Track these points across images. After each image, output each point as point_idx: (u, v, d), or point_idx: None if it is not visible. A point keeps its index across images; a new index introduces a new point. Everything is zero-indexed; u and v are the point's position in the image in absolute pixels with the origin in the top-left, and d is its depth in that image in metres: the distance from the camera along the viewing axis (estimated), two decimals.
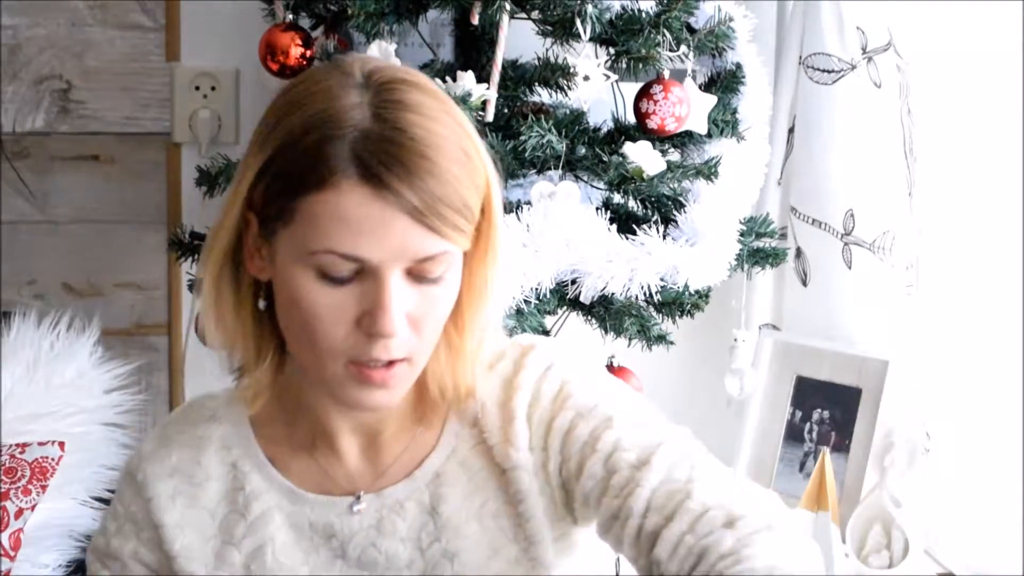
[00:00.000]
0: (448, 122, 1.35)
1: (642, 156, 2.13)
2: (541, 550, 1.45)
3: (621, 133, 2.20)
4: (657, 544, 1.33)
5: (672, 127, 2.15)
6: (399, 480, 1.46)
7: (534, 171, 2.16)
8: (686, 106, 2.15)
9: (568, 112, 2.19)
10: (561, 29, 2.10)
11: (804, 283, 2.57)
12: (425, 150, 1.31)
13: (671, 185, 2.18)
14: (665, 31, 2.12)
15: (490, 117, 2.08)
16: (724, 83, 2.27)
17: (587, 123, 2.19)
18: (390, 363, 1.35)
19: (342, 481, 1.48)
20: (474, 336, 1.43)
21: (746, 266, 2.29)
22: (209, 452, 1.49)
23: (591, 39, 2.10)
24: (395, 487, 1.46)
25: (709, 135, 2.23)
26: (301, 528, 1.47)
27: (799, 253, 2.56)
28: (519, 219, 2.08)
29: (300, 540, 1.47)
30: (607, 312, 2.17)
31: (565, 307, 2.20)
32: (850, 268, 2.51)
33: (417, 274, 1.33)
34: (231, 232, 1.38)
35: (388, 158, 1.30)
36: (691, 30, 2.20)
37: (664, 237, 2.14)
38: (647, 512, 1.36)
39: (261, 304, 1.41)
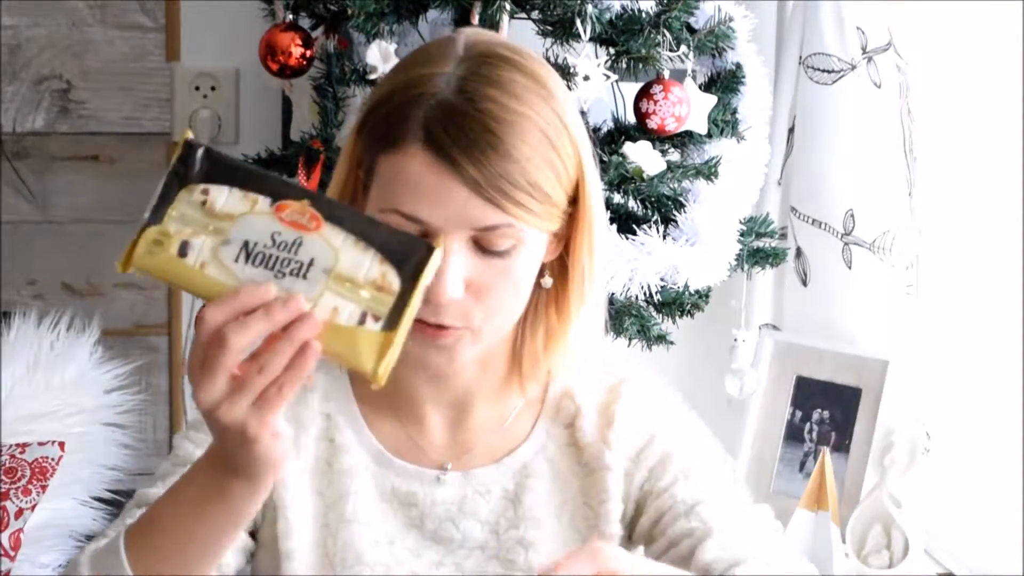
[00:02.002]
0: (535, 104, 1.36)
1: (642, 156, 2.13)
2: None
3: (621, 133, 2.20)
4: (739, 567, 1.44)
5: (672, 127, 2.15)
6: (487, 464, 1.49)
7: None
8: (686, 106, 2.15)
9: None
10: (561, 29, 2.10)
11: (804, 283, 2.57)
12: (493, 124, 1.33)
13: (671, 185, 2.18)
14: (665, 31, 2.12)
15: None
16: (724, 83, 2.27)
17: (587, 123, 2.19)
18: (444, 327, 1.37)
19: (429, 452, 1.49)
20: (575, 322, 1.45)
21: (746, 266, 2.29)
22: (314, 396, 1.50)
23: (591, 39, 2.10)
24: (484, 469, 1.49)
25: (709, 135, 2.23)
26: (384, 491, 1.49)
27: (799, 253, 2.56)
28: None
29: (381, 502, 1.48)
30: (607, 312, 2.17)
31: None
32: (850, 268, 2.51)
33: (483, 245, 1.36)
34: (342, 185, 1.42)
35: (454, 128, 1.33)
36: (691, 30, 2.20)
37: (664, 237, 2.14)
38: (730, 543, 1.45)
39: None
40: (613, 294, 2.12)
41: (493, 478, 1.49)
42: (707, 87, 2.26)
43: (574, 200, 1.39)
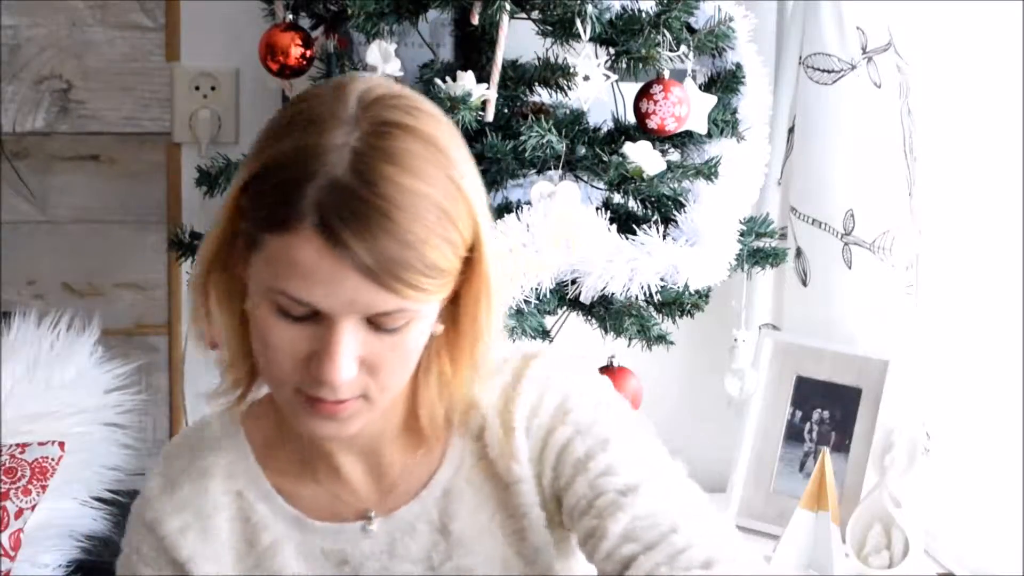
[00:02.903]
0: (433, 176, 1.29)
1: (642, 156, 2.13)
2: (547, 560, 1.45)
3: (621, 133, 2.20)
4: (631, 568, 1.35)
5: (672, 127, 2.15)
6: (408, 500, 1.45)
7: (534, 171, 2.16)
8: (686, 106, 2.15)
9: (568, 112, 2.19)
10: (561, 29, 2.10)
11: (804, 283, 2.57)
12: (390, 209, 1.26)
13: (671, 185, 2.18)
14: (665, 31, 2.12)
15: (490, 117, 2.08)
16: (724, 83, 2.27)
17: (587, 123, 2.19)
18: (340, 401, 1.32)
19: (351, 504, 1.46)
20: (467, 370, 1.40)
21: (746, 266, 2.29)
22: (215, 482, 1.47)
23: (591, 39, 2.10)
24: (405, 508, 1.45)
25: (709, 135, 2.23)
26: (313, 557, 1.45)
27: (799, 253, 2.56)
28: (519, 219, 2.08)
29: (312, 570, 1.45)
30: (607, 312, 2.17)
31: (565, 307, 2.20)
32: (850, 268, 2.51)
33: (375, 324, 1.30)
34: (223, 234, 1.35)
35: (349, 213, 1.26)
36: (691, 30, 2.20)
37: (664, 237, 2.14)
38: (625, 537, 1.36)
39: (247, 304, 1.38)
40: (613, 294, 2.13)
41: (415, 514, 1.44)
42: (707, 87, 2.26)
43: (469, 257, 1.33)
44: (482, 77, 2.08)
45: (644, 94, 2.15)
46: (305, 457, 1.46)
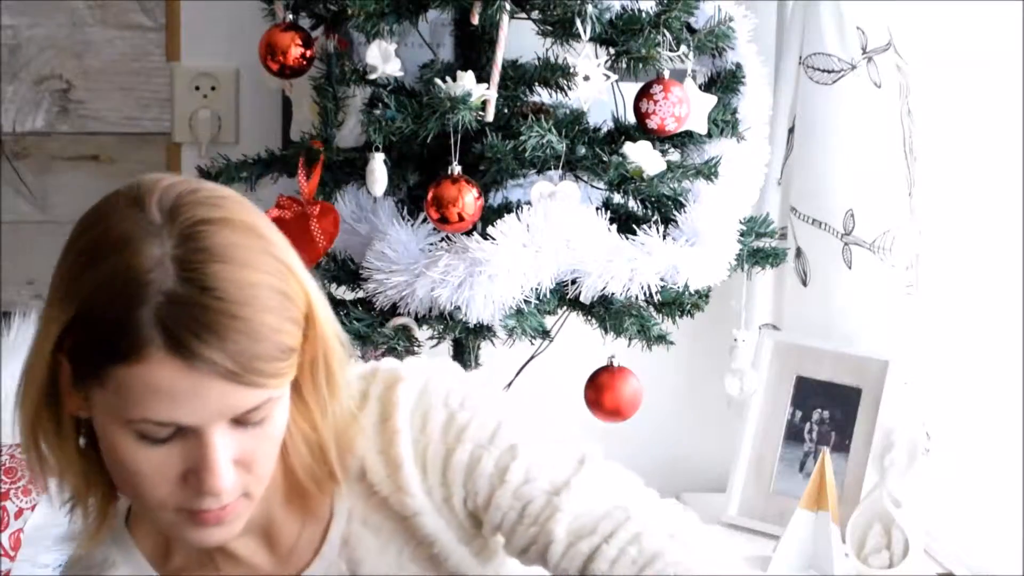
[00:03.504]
0: (261, 262, 1.26)
1: (642, 156, 2.13)
2: (470, 571, 1.43)
3: (621, 133, 2.20)
4: (596, 560, 1.34)
5: (672, 127, 2.15)
6: (310, 560, 1.42)
7: (534, 171, 2.16)
8: (686, 106, 2.15)
9: (568, 112, 2.19)
10: (561, 29, 2.10)
11: (804, 283, 2.57)
12: (236, 309, 1.22)
13: (671, 185, 2.18)
14: (665, 31, 2.12)
15: (490, 117, 2.08)
16: (724, 83, 2.27)
17: (587, 123, 2.19)
18: (224, 507, 1.30)
19: None
20: (327, 426, 1.36)
21: (746, 266, 2.29)
22: None
23: (591, 39, 2.10)
24: (309, 569, 1.42)
25: (709, 135, 2.23)
26: None
27: (799, 253, 2.56)
28: (519, 219, 2.08)
29: None
30: (607, 312, 2.17)
31: (565, 307, 2.20)
32: (850, 268, 2.51)
33: (241, 421, 1.27)
34: (43, 376, 1.29)
35: (196, 325, 1.21)
36: (691, 30, 2.19)
37: (664, 237, 2.14)
38: (576, 534, 1.35)
39: (82, 442, 1.33)
40: (613, 294, 2.13)
41: (323, 570, 1.42)
42: (707, 87, 2.26)
43: (304, 329, 1.30)
44: (482, 77, 2.08)
45: (644, 94, 2.15)
46: (200, 552, 1.42)
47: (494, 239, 2.06)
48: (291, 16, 2.18)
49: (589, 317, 2.21)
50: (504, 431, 1.39)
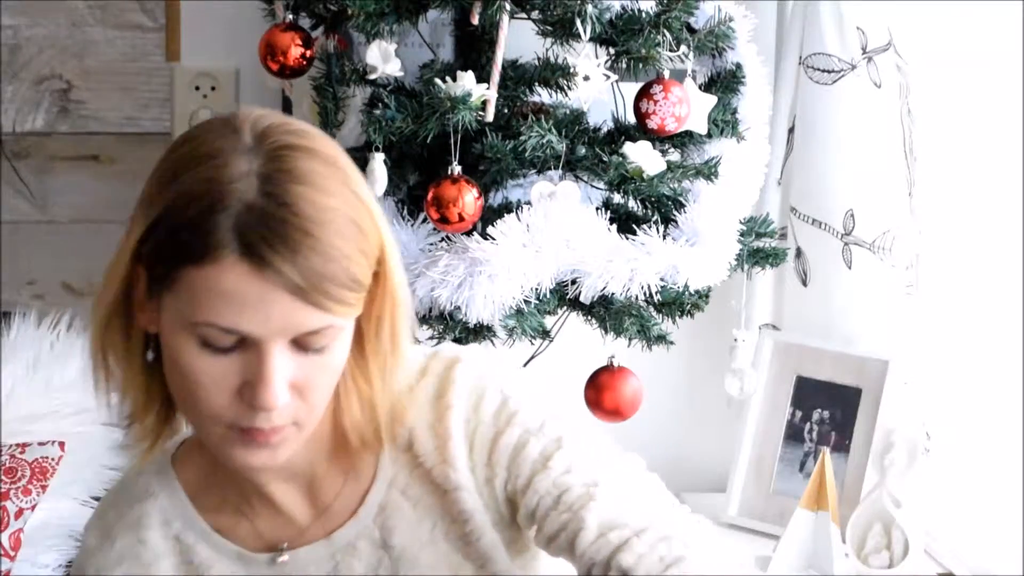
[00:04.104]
0: (340, 191, 1.31)
1: (642, 156, 2.13)
2: (497, 564, 1.44)
3: (621, 133, 2.19)
4: (623, 550, 1.34)
5: (672, 127, 2.15)
6: (345, 520, 1.44)
7: (534, 171, 2.16)
8: (686, 106, 2.15)
9: (568, 112, 2.19)
10: (561, 29, 2.10)
11: (804, 283, 2.57)
12: (311, 227, 1.27)
13: (671, 185, 2.18)
14: (665, 31, 2.12)
15: (490, 117, 2.08)
16: (724, 83, 2.27)
17: (587, 123, 2.19)
18: (274, 428, 1.33)
19: (290, 533, 1.45)
20: (383, 385, 1.40)
21: (746, 266, 2.29)
22: (151, 530, 1.46)
23: (591, 39, 2.10)
24: (343, 529, 1.44)
25: (709, 135, 2.23)
26: None
27: (799, 253, 2.56)
28: (519, 219, 2.08)
29: None
30: (607, 312, 2.17)
31: (565, 307, 2.20)
32: (850, 268, 2.51)
33: (302, 345, 1.31)
34: (120, 283, 1.34)
35: (271, 235, 1.26)
36: (691, 30, 2.19)
37: (664, 237, 2.14)
38: (608, 525, 1.36)
39: (149, 356, 1.37)
40: (613, 294, 2.12)
41: (355, 533, 1.44)
42: (707, 87, 2.26)
43: (375, 274, 1.35)
44: (482, 77, 2.08)
45: (644, 94, 2.15)
46: (239, 492, 1.45)
47: (494, 239, 2.06)
48: (291, 16, 2.18)
49: (589, 317, 2.21)
50: (553, 423, 1.42)
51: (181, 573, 1.45)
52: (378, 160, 2.09)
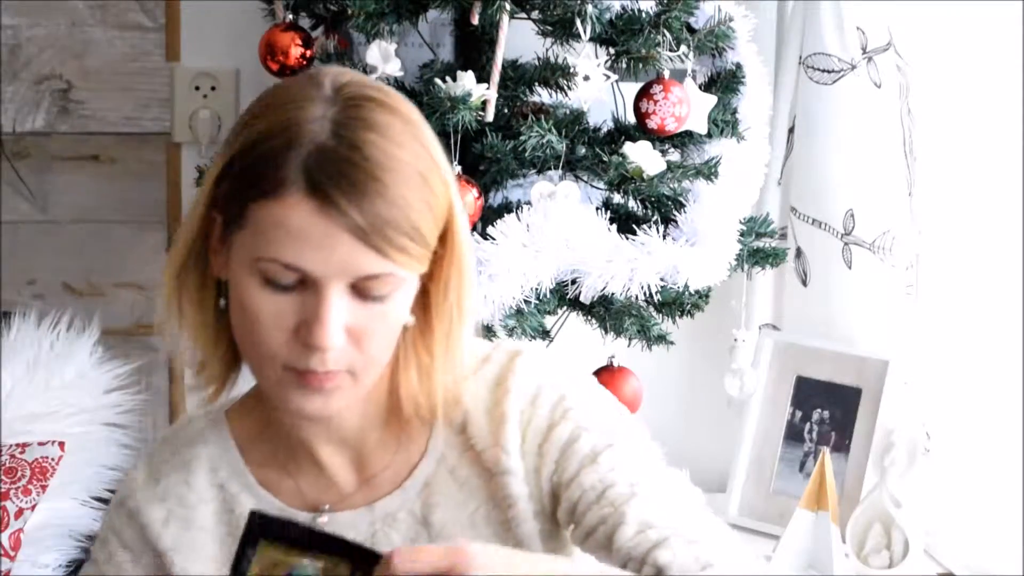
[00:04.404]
0: (411, 146, 1.34)
1: (642, 156, 2.13)
2: (534, 550, 1.45)
3: (621, 133, 2.20)
4: (662, 547, 1.36)
5: (672, 127, 2.15)
6: (390, 491, 1.46)
7: (534, 171, 2.16)
8: (686, 106, 2.15)
9: (568, 112, 2.19)
10: (561, 29, 2.10)
11: (804, 283, 2.57)
12: (377, 171, 1.31)
13: (671, 185, 2.18)
14: (665, 31, 2.12)
15: (490, 117, 2.08)
16: (724, 83, 2.27)
17: (587, 123, 2.19)
18: (328, 372, 1.34)
19: (332, 497, 1.47)
20: (444, 356, 1.42)
21: (746, 266, 2.29)
22: (198, 474, 1.49)
23: (591, 39, 2.10)
24: (386, 499, 1.46)
25: (709, 135, 2.23)
26: None
27: (799, 253, 2.56)
28: (519, 219, 2.08)
29: None
30: (607, 312, 2.17)
31: (565, 307, 2.20)
32: (850, 268, 2.51)
33: (361, 290, 1.33)
34: (197, 228, 1.38)
35: (338, 175, 1.30)
36: (691, 30, 2.20)
37: (664, 237, 2.14)
38: (647, 523, 1.38)
39: (222, 303, 1.40)
40: (613, 294, 2.13)
41: (397, 505, 1.45)
42: (707, 87, 2.26)
43: (442, 238, 1.37)
44: (482, 77, 2.08)
45: (644, 94, 2.15)
46: (287, 450, 1.47)
47: (494, 239, 2.06)
48: (291, 16, 2.18)
49: (589, 317, 2.21)
50: (605, 424, 1.45)
51: (222, 520, 1.48)
52: None
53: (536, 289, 2.09)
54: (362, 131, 1.32)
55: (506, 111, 2.16)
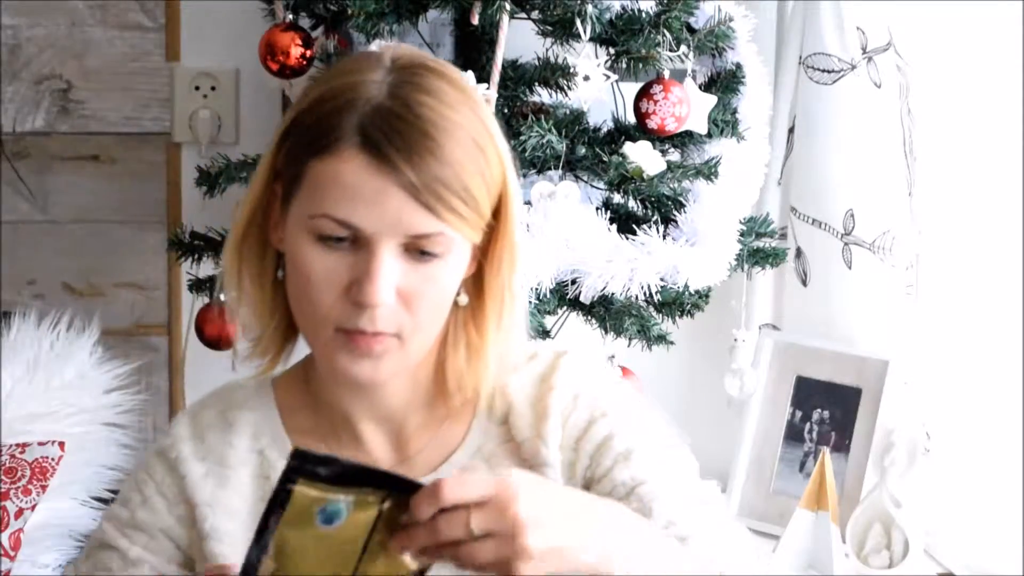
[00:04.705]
0: (465, 112, 1.37)
1: (642, 156, 2.13)
2: None
3: (621, 133, 2.20)
4: (686, 544, 1.40)
5: (672, 127, 2.15)
6: (425, 474, 1.47)
7: (534, 171, 2.16)
8: (686, 106, 2.15)
9: (568, 112, 2.19)
10: (561, 29, 2.10)
11: (804, 283, 2.57)
12: (430, 129, 1.34)
13: (671, 185, 2.18)
14: (665, 31, 2.12)
15: None
16: (724, 83, 2.27)
17: (587, 123, 2.19)
18: (377, 334, 1.37)
19: None
20: (494, 337, 1.45)
21: (746, 266, 2.29)
22: (241, 437, 1.51)
23: (591, 39, 2.10)
24: (422, 480, 1.46)
25: (709, 135, 2.23)
26: None
27: (799, 253, 2.56)
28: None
29: None
30: (607, 312, 2.17)
31: (565, 307, 2.20)
32: (850, 268, 2.51)
33: (413, 250, 1.36)
34: (257, 199, 1.42)
35: (391, 132, 1.33)
36: (691, 30, 2.20)
37: (664, 237, 2.14)
38: (671, 522, 1.42)
39: (280, 274, 1.44)
40: (613, 294, 2.13)
41: None
42: (707, 87, 2.26)
43: (496, 213, 1.40)
44: (482, 77, 2.08)
45: (644, 94, 2.15)
46: (329, 423, 1.49)
47: None
48: (291, 16, 2.18)
49: (589, 317, 2.21)
50: (641, 426, 1.49)
51: (257, 485, 1.49)
52: None
53: (536, 289, 2.09)
54: (417, 93, 1.36)
55: (506, 111, 2.16)
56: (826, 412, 2.51)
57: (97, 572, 1.49)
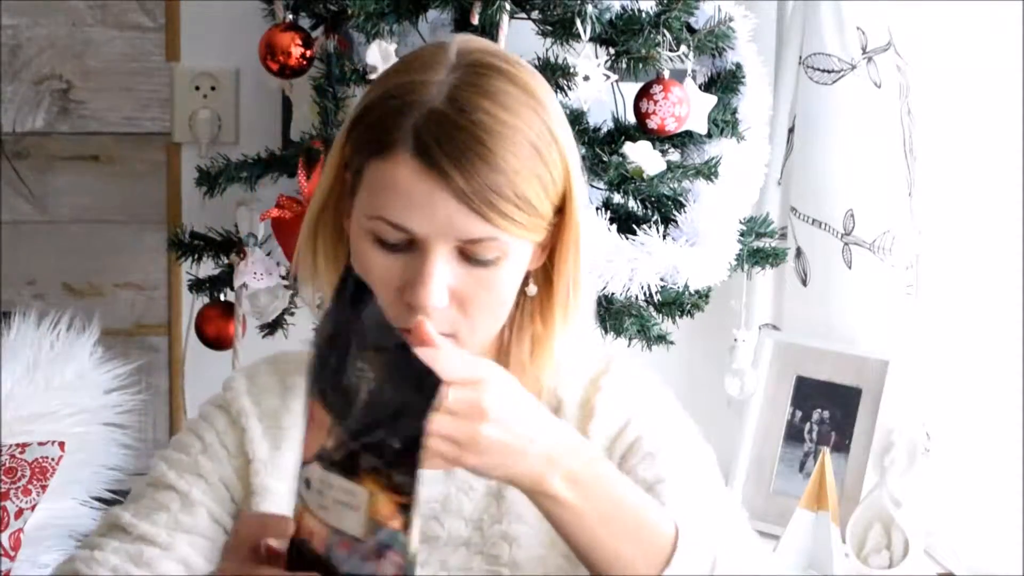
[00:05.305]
0: (525, 115, 1.36)
1: (642, 156, 2.13)
2: None
3: (621, 133, 2.20)
4: None
5: (672, 127, 2.15)
6: None
7: None
8: (686, 106, 2.15)
9: (568, 112, 2.19)
10: (561, 29, 2.10)
11: (804, 283, 2.57)
12: (483, 135, 1.33)
13: (671, 185, 2.18)
14: (665, 31, 2.12)
15: None
16: (724, 83, 2.27)
17: (587, 123, 2.19)
18: None
19: None
20: (560, 330, 1.46)
21: (746, 266, 2.29)
22: (296, 401, 1.51)
23: (591, 39, 2.10)
24: None
25: (709, 135, 2.23)
26: None
27: (799, 253, 2.56)
28: None
29: None
30: (607, 312, 2.17)
31: None
32: (850, 268, 2.51)
33: (467, 254, 1.36)
34: (330, 185, 1.43)
35: (444, 138, 1.33)
36: (691, 30, 2.20)
37: (664, 237, 2.14)
38: (686, 516, 1.42)
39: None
40: (613, 294, 2.12)
41: (475, 475, 1.46)
42: (707, 87, 2.26)
43: (560, 209, 1.40)
44: None
45: (644, 94, 2.15)
46: None
47: None
48: (291, 16, 2.18)
49: None
50: (674, 432, 1.52)
51: None
52: None
53: None
54: (475, 96, 1.35)
55: None
56: (826, 412, 2.51)
57: (154, 509, 1.48)
